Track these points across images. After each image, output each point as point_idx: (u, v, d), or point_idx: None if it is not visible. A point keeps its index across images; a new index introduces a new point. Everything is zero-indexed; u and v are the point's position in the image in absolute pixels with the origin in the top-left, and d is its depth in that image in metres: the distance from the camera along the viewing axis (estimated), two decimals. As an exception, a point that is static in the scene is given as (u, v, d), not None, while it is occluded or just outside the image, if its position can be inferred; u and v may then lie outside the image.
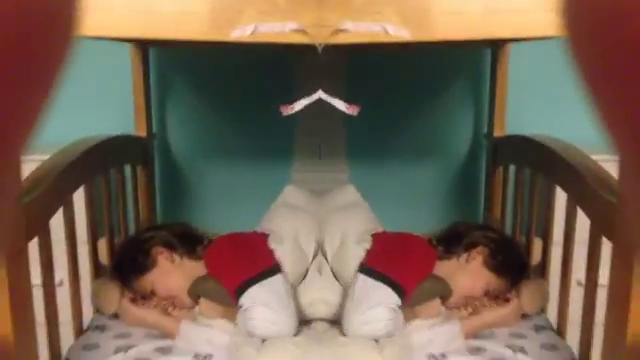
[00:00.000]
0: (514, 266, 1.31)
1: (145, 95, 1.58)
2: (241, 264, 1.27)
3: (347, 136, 1.79)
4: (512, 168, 1.56)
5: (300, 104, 0.96)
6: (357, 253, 1.31)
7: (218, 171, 1.78)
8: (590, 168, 1.13)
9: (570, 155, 1.20)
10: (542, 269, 1.38)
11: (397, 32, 0.87)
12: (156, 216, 1.70)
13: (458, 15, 0.86)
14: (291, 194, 1.56)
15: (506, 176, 1.59)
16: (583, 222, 1.11)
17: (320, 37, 0.86)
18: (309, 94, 0.97)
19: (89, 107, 1.71)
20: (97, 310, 1.29)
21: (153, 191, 1.68)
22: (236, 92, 1.74)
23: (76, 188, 1.19)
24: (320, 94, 1.01)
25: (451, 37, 0.87)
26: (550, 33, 0.84)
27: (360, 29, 0.88)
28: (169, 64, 1.74)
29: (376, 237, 1.38)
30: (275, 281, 1.24)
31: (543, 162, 1.33)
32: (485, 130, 1.70)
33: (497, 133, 1.61)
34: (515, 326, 1.24)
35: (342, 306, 1.26)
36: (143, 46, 1.57)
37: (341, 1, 0.87)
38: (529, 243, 1.42)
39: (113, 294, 1.25)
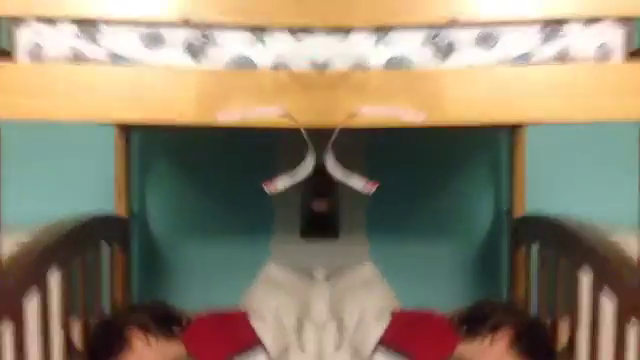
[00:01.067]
0: (541, 349, 1.26)
1: (126, 175, 1.61)
2: (222, 342, 1.26)
3: (367, 211, 1.81)
4: (535, 247, 1.54)
5: (283, 183, 0.97)
6: (377, 330, 1.30)
7: (196, 250, 1.77)
8: (612, 249, 1.11)
9: (592, 235, 1.20)
10: (569, 353, 1.33)
11: (410, 117, 0.91)
12: (132, 296, 1.67)
13: (471, 100, 0.89)
14: (271, 271, 1.58)
15: (529, 255, 1.57)
16: (611, 305, 1.08)
17: (331, 121, 0.90)
18: (289, 172, 0.98)
19: (69, 186, 1.73)
20: None
21: (130, 271, 1.65)
22: (215, 172, 1.76)
23: (52, 268, 1.17)
24: (338, 174, 1.02)
25: (463, 121, 0.90)
26: (563, 119, 0.87)
27: (374, 113, 0.92)
28: (151, 145, 1.77)
29: (396, 315, 1.36)
30: (257, 356, 1.24)
31: (565, 242, 1.32)
32: (505, 208, 1.70)
33: (517, 212, 1.61)
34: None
35: None
36: (126, 129, 1.61)
37: (357, 86, 0.92)
38: (555, 325, 1.38)
39: None
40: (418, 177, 1.78)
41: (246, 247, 1.77)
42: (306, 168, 0.95)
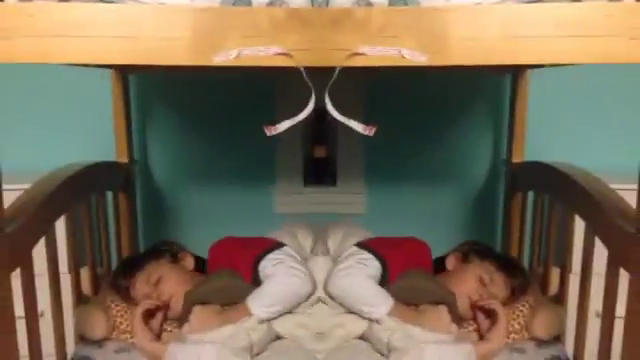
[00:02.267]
0: (491, 252, 1.40)
1: (126, 121, 1.58)
2: (250, 247, 1.36)
3: (365, 157, 1.80)
4: (531, 194, 1.54)
5: (284, 125, 0.95)
6: (354, 240, 1.41)
7: (200, 195, 1.79)
8: (609, 197, 1.11)
9: (589, 183, 1.19)
10: (560, 299, 1.35)
11: (413, 56, 0.88)
12: (138, 242, 1.69)
13: (475, 40, 0.86)
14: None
15: (525, 202, 1.58)
16: (603, 252, 1.09)
17: (335, 60, 0.87)
18: (292, 115, 0.96)
19: (70, 134, 1.71)
20: (80, 339, 1.27)
21: (135, 217, 1.66)
22: (216, 116, 1.75)
23: (58, 216, 1.18)
24: (337, 115, 1.00)
25: (467, 62, 0.87)
26: (566, 60, 0.84)
27: (376, 53, 0.88)
28: (149, 90, 1.75)
29: (376, 237, 1.46)
30: (287, 250, 1.35)
31: (562, 190, 1.31)
32: (504, 156, 1.69)
33: (516, 159, 1.60)
34: (531, 358, 1.22)
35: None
36: (124, 72, 1.57)
37: (358, 25, 0.88)
38: (547, 272, 1.40)
39: (100, 318, 1.25)
40: (417, 123, 1.76)
41: (248, 192, 1.78)
42: (307, 109, 0.93)
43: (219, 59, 0.84)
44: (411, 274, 1.31)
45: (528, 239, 1.55)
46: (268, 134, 0.93)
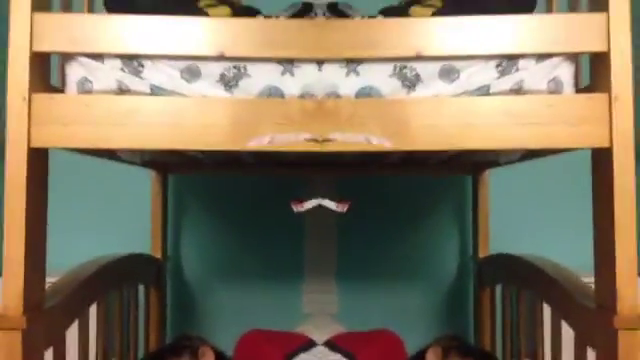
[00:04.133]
0: (470, 349, 1.37)
1: (162, 218, 1.70)
2: (280, 343, 1.35)
3: (336, 256, 1.83)
4: (499, 287, 1.58)
5: (311, 203, 1.03)
6: (323, 336, 1.43)
7: (229, 293, 1.83)
8: (570, 280, 1.16)
9: (550, 269, 1.24)
10: (535, 391, 1.34)
11: (379, 142, 0.96)
12: (165, 335, 1.71)
13: (435, 128, 0.95)
14: None
15: (493, 295, 1.61)
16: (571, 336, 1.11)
17: (309, 145, 0.95)
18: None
19: (109, 228, 1.79)
20: None
21: (164, 310, 1.72)
22: (247, 217, 1.85)
23: (92, 302, 1.24)
24: (318, 199, 1.06)
25: (428, 147, 0.96)
26: (514, 145, 0.94)
27: (346, 139, 0.97)
28: (186, 189, 1.87)
29: (347, 332, 1.48)
30: (320, 349, 1.35)
31: (526, 278, 1.36)
32: (471, 251, 1.75)
33: (482, 254, 1.66)
34: None
35: None
36: (164, 172, 1.71)
37: (330, 114, 0.97)
38: (519, 364, 1.40)
39: None
40: (385, 223, 1.83)
41: (277, 291, 1.83)
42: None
43: (253, 144, 0.94)
44: None
45: (499, 331, 1.56)
46: (295, 210, 0.99)
